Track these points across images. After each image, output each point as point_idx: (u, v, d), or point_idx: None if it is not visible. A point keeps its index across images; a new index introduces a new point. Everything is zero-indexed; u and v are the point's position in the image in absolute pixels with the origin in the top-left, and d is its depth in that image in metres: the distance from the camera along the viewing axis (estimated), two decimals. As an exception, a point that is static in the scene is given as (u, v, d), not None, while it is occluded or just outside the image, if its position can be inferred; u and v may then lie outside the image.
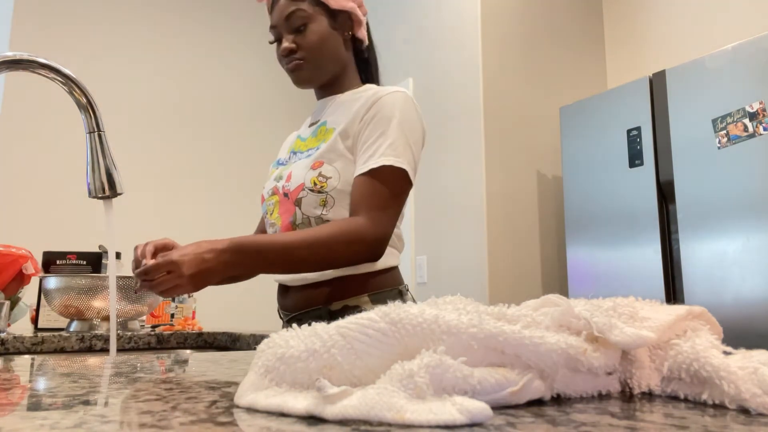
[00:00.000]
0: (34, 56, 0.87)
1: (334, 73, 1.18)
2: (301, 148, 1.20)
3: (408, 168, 1.07)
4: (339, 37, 1.17)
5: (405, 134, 1.08)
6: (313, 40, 1.13)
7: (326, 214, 1.08)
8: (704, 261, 1.97)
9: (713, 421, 0.29)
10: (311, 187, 1.08)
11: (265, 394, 0.31)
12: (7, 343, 1.10)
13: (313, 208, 1.08)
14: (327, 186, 1.08)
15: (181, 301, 1.67)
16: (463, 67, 2.82)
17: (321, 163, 1.09)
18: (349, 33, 1.19)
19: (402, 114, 1.09)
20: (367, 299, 1.10)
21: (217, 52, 4.06)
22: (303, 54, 1.13)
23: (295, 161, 1.17)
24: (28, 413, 0.29)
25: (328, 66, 1.17)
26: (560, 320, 0.37)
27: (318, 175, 1.08)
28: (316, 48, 1.13)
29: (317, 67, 1.15)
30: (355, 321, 0.32)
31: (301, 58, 1.14)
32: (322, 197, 1.08)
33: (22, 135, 3.35)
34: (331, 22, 1.16)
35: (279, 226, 1.15)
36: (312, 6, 1.14)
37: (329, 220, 1.08)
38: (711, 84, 2.02)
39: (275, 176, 1.19)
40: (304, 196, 1.09)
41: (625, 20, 3.08)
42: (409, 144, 1.09)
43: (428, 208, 2.96)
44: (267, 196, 1.20)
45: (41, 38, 3.45)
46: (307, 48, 1.13)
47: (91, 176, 0.91)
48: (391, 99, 1.10)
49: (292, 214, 1.11)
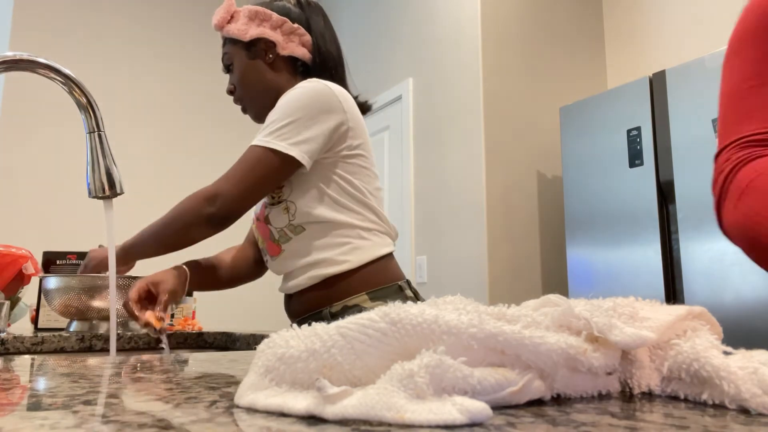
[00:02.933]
0: (34, 56, 0.87)
1: (271, 99, 1.18)
2: None
3: (270, 144, 1.04)
4: (261, 64, 1.19)
5: (287, 117, 1.05)
6: (238, 76, 1.20)
7: (293, 220, 1.11)
8: (704, 261, 1.97)
9: (713, 421, 0.29)
10: (270, 201, 1.13)
11: (265, 394, 0.31)
12: (7, 343, 1.10)
13: (280, 219, 1.13)
14: (283, 194, 1.12)
15: (182, 301, 1.67)
16: (463, 67, 2.82)
17: None
18: (270, 57, 1.18)
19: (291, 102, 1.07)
20: (366, 297, 1.11)
21: (221, 50, 4.05)
22: (238, 93, 1.21)
23: None
24: (28, 413, 0.29)
25: (260, 96, 1.19)
26: (560, 320, 0.37)
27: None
28: (242, 83, 1.20)
29: (252, 99, 1.20)
30: (355, 321, 0.32)
31: (239, 98, 1.21)
32: (283, 206, 1.12)
33: (22, 135, 3.35)
34: (248, 53, 1.19)
35: (266, 249, 1.19)
36: (231, 46, 1.20)
37: (299, 224, 1.11)
38: (711, 84, 2.02)
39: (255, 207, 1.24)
40: (269, 212, 1.14)
41: (625, 20, 3.08)
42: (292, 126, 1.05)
43: (428, 208, 2.96)
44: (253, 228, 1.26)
45: (41, 38, 3.45)
46: (238, 85, 1.20)
47: (91, 176, 0.91)
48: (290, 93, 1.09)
49: (269, 233, 1.15)
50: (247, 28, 1.17)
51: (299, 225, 1.11)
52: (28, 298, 1.70)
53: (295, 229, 1.12)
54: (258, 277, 1.33)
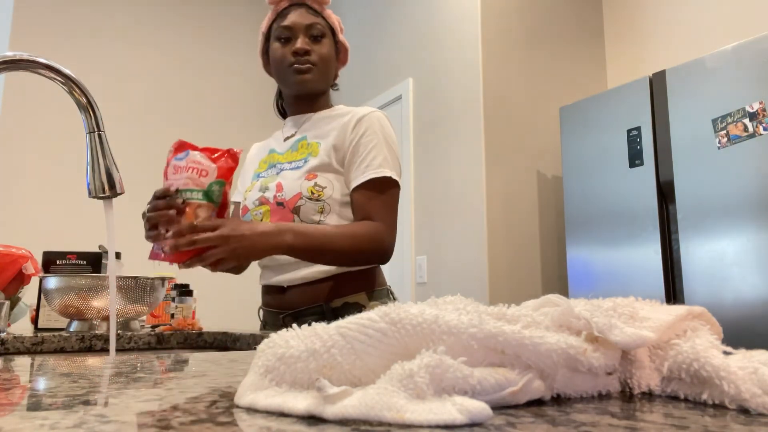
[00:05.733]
0: (34, 56, 0.87)
1: (325, 89, 1.30)
2: (280, 160, 1.28)
3: (400, 181, 1.22)
4: (335, 63, 1.31)
5: (392, 149, 1.22)
6: (326, 52, 1.26)
7: (324, 219, 1.17)
8: (704, 261, 1.97)
9: (713, 421, 0.29)
10: (309, 195, 1.17)
11: (265, 394, 0.31)
12: (7, 343, 1.10)
13: (312, 215, 1.17)
14: (324, 195, 1.17)
15: (182, 301, 1.66)
16: (463, 67, 2.82)
17: (315, 174, 1.19)
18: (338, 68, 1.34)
19: (385, 131, 1.22)
20: (365, 296, 1.20)
21: (220, 52, 4.06)
22: (315, 59, 1.24)
23: (280, 173, 1.25)
24: (28, 413, 0.29)
25: (328, 80, 1.29)
26: (560, 320, 0.37)
27: (314, 185, 1.18)
28: (326, 60, 1.26)
29: (322, 74, 1.26)
30: (355, 321, 0.32)
31: (314, 63, 1.24)
32: (320, 205, 1.17)
33: (22, 135, 3.35)
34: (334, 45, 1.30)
35: None
36: (326, 26, 1.27)
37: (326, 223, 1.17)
38: (711, 84, 2.02)
39: (259, 187, 1.26)
40: (302, 204, 1.17)
41: (626, 20, 3.08)
42: (396, 157, 1.22)
43: (428, 208, 2.96)
44: (252, 206, 1.25)
45: (41, 38, 3.44)
46: (320, 55, 1.25)
47: (91, 176, 0.91)
48: (375, 117, 1.22)
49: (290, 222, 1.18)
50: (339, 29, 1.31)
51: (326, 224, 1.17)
52: (28, 298, 1.70)
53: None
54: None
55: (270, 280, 1.24)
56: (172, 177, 1.00)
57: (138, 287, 1.26)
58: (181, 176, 0.98)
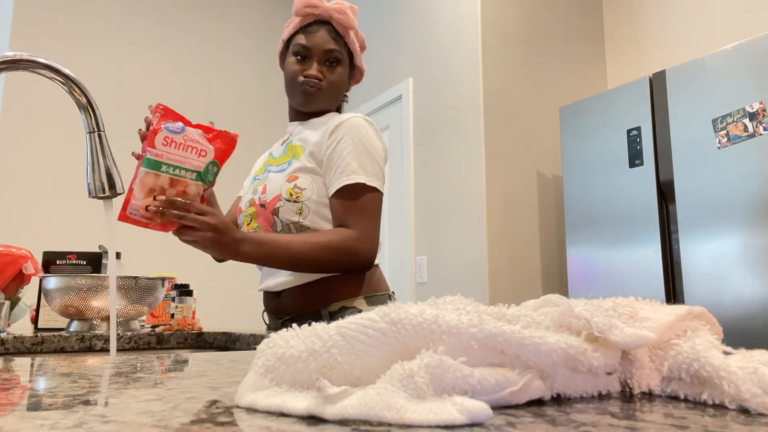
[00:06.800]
0: (34, 56, 0.87)
1: (329, 109, 1.33)
2: (273, 163, 1.31)
3: (378, 185, 1.20)
4: (346, 85, 1.34)
5: (371, 154, 1.21)
6: (336, 80, 1.29)
7: (303, 221, 1.18)
8: (704, 261, 1.97)
9: (713, 421, 0.29)
10: (287, 197, 1.19)
11: (265, 394, 0.31)
12: (7, 343, 1.10)
13: (290, 216, 1.18)
14: (302, 196, 1.19)
15: (182, 302, 1.66)
16: (463, 67, 2.82)
17: (296, 177, 1.21)
18: (350, 87, 1.37)
19: (363, 137, 1.21)
20: (363, 301, 1.19)
21: (220, 52, 4.06)
22: (325, 85, 1.27)
23: (268, 175, 1.27)
24: (28, 413, 0.29)
25: (334, 102, 1.32)
26: (560, 320, 0.37)
27: (294, 187, 1.19)
28: (336, 86, 1.29)
29: (329, 98, 1.29)
30: (355, 321, 0.32)
31: (321, 89, 1.27)
32: (298, 206, 1.19)
33: (22, 135, 3.35)
34: (349, 72, 1.33)
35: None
36: (344, 54, 1.29)
37: (307, 226, 1.18)
38: (711, 84, 2.02)
39: (252, 190, 1.29)
40: (281, 206, 1.19)
41: (625, 20, 3.08)
42: (376, 162, 1.21)
43: (428, 208, 2.96)
44: (244, 207, 1.29)
45: (41, 38, 3.44)
46: (330, 82, 1.28)
47: (91, 176, 0.91)
48: (353, 123, 1.22)
49: (272, 223, 1.20)
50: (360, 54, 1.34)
51: (306, 227, 1.18)
52: (28, 298, 1.70)
53: (301, 229, 1.18)
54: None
55: (263, 284, 1.26)
56: (162, 148, 0.99)
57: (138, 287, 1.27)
58: (177, 152, 1.00)
